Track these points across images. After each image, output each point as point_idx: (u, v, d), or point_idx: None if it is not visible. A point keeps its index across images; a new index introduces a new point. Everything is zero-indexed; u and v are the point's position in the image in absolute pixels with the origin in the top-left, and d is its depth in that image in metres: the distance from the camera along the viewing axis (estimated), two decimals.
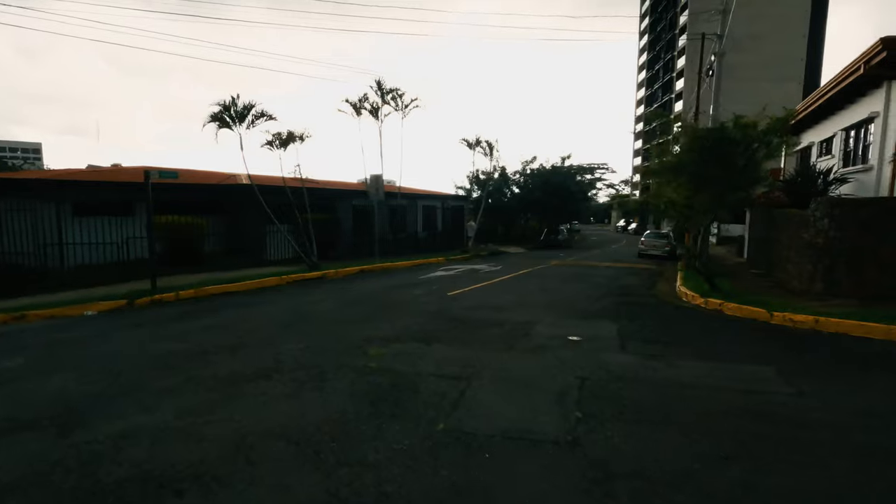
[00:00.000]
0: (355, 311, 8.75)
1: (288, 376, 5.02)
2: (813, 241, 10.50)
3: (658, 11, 69.79)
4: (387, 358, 5.69)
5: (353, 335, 6.82)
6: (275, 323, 7.72)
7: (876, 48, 10.75)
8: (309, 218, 14.41)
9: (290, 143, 12.79)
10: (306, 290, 11.23)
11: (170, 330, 7.26)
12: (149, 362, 5.55)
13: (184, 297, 10.12)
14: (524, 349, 6.10)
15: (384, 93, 20.77)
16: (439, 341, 6.48)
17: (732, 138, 9.56)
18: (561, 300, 10.19)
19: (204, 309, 8.96)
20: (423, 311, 8.72)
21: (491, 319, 7.96)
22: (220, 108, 11.44)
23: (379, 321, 7.80)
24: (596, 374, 5.10)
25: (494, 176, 33.63)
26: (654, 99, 70.66)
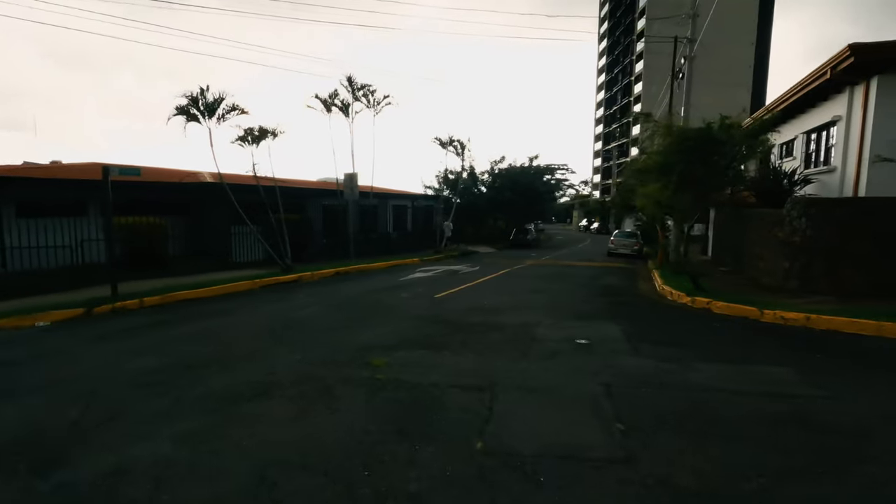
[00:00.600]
0: (343, 316, 8.27)
1: (291, 392, 4.56)
2: (788, 240, 10.82)
3: (616, 17, 71.79)
4: (394, 368, 5.31)
5: (348, 343, 6.38)
6: (259, 332, 7.15)
7: (844, 54, 11.20)
8: (282, 218, 13.71)
9: (262, 139, 12.08)
10: (284, 295, 10.61)
11: (142, 342, 6.57)
12: (127, 381, 4.93)
13: (150, 305, 9.33)
14: (537, 355, 5.84)
15: (355, 89, 20.18)
16: (445, 348, 6.14)
17: (717, 139, 9.70)
18: (552, 301, 10.05)
19: (175, 317, 8.24)
20: (416, 315, 8.35)
21: (490, 323, 7.68)
22: (188, 100, 10.62)
23: (372, 327, 7.37)
24: (618, 380, 4.91)
25: (463, 176, 33.52)
26: (613, 102, 72.64)
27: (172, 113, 10.71)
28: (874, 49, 10.96)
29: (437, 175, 35.45)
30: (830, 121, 13.56)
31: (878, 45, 11.00)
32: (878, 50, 10.96)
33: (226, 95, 10.85)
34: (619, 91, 70.16)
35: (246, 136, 11.74)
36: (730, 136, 9.63)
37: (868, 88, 11.87)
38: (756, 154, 10.06)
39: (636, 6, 63.97)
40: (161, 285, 10.89)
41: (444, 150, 23.28)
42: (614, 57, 72.75)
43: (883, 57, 11.06)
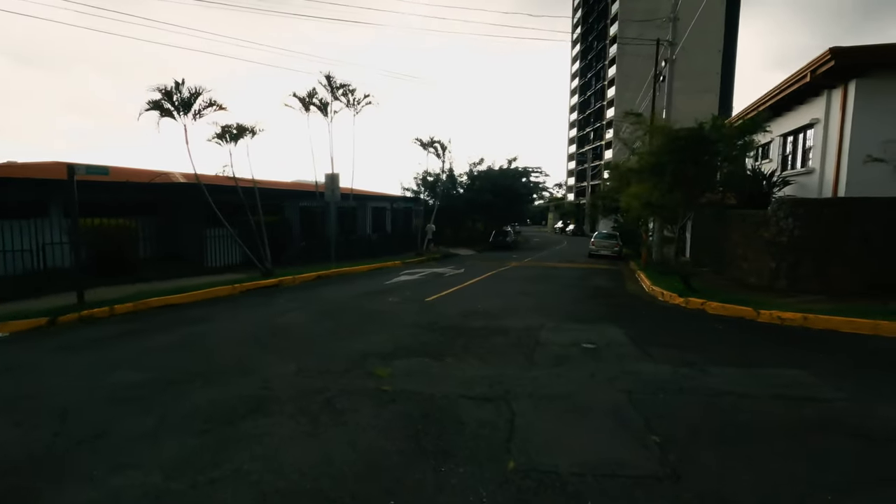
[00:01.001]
0: (333, 323, 7.85)
1: (291, 408, 4.16)
2: (775, 240, 10.93)
3: (589, 22, 72.97)
4: (398, 378, 4.96)
5: (343, 352, 5.99)
6: (245, 340, 6.67)
7: (825, 57, 11.42)
8: (262, 220, 13.13)
9: (241, 137, 11.50)
10: (266, 300, 10.08)
11: (116, 354, 6.02)
12: (103, 398, 4.43)
13: (120, 313, 8.69)
14: (546, 361, 5.59)
15: (334, 88, 19.69)
16: (448, 355, 5.82)
17: (709, 138, 9.70)
18: (547, 303, 9.85)
19: (150, 326, 7.66)
20: (412, 320, 8.00)
21: (490, 327, 7.40)
22: (162, 94, 9.98)
23: (365, 334, 6.99)
24: (637, 386, 4.70)
25: (442, 178, 33.27)
26: (587, 106, 73.74)
27: (144, 108, 10.05)
28: (854, 53, 11.20)
29: (416, 177, 35.16)
30: (808, 123, 13.85)
31: (857, 49, 11.25)
32: (858, 54, 11.21)
33: (203, 90, 10.26)
34: (592, 95, 71.28)
35: (224, 134, 11.14)
36: (721, 135, 9.66)
37: (846, 92, 12.14)
38: (745, 153, 10.10)
39: (608, 12, 65.14)
40: (132, 291, 10.22)
41: (426, 151, 22.94)
42: (587, 62, 73.91)
43: (861, 61, 11.32)
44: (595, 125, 69.14)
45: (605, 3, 66.13)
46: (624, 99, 58.60)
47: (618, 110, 60.90)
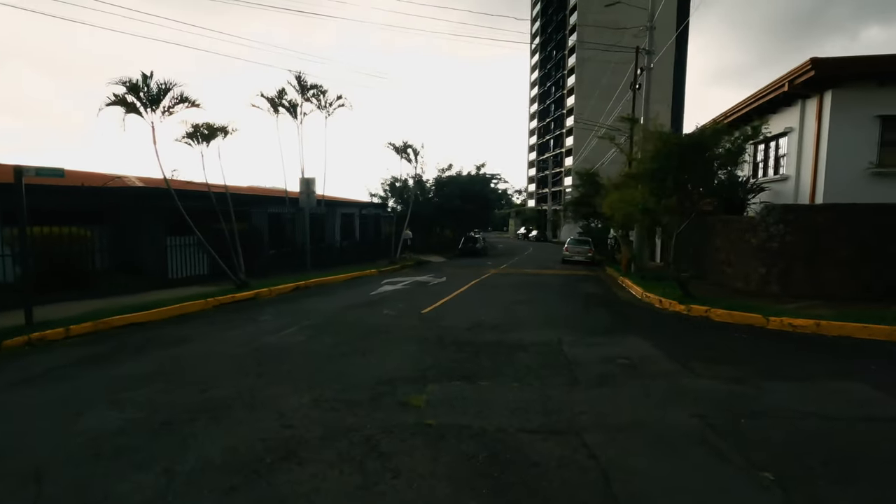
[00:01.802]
0: (333, 341, 7.10)
1: (328, 453, 3.48)
2: (764, 245, 11.05)
3: (548, 32, 74.51)
4: (437, 408, 4.35)
5: (359, 376, 5.32)
6: (239, 366, 5.84)
7: (805, 67, 11.74)
8: (235, 228, 12.10)
9: (214, 137, 10.51)
10: (247, 316, 9.16)
11: (84, 388, 5.07)
12: (85, 452, 3.58)
13: (78, 334, 7.60)
14: (590, 381, 5.12)
15: (304, 88, 18.77)
16: (479, 377, 5.25)
17: (706, 144, 9.66)
18: (550, 314, 9.47)
19: (117, 350, 6.66)
20: (417, 336, 7.37)
21: (505, 342, 6.89)
22: (126, 88, 8.88)
23: (375, 354, 6.31)
24: (705, 409, 4.31)
25: (409, 183, 32.65)
26: (546, 114, 75.08)
27: (106, 102, 8.90)
28: (833, 63, 11.56)
29: (383, 182, 34.41)
30: (782, 132, 14.25)
31: (836, 60, 11.61)
32: (836, 64, 11.57)
33: (173, 84, 9.22)
34: (552, 103, 72.62)
35: (195, 133, 10.11)
36: (720, 141, 9.64)
37: (822, 101, 12.52)
38: (739, 159, 10.15)
39: (566, 23, 66.70)
40: (88, 309, 9.04)
41: (399, 156, 22.27)
42: (546, 71, 75.35)
43: (838, 72, 11.70)
44: (555, 133, 70.45)
45: (563, 15, 67.70)
46: (584, 107, 60.03)
47: (577, 119, 62.32)
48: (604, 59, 55.64)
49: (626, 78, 24.96)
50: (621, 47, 29.84)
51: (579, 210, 26.26)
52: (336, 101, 19.40)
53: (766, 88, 13.87)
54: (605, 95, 51.88)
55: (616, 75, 49.74)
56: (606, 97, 52.81)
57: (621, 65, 51.58)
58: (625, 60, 50.78)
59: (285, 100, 17.91)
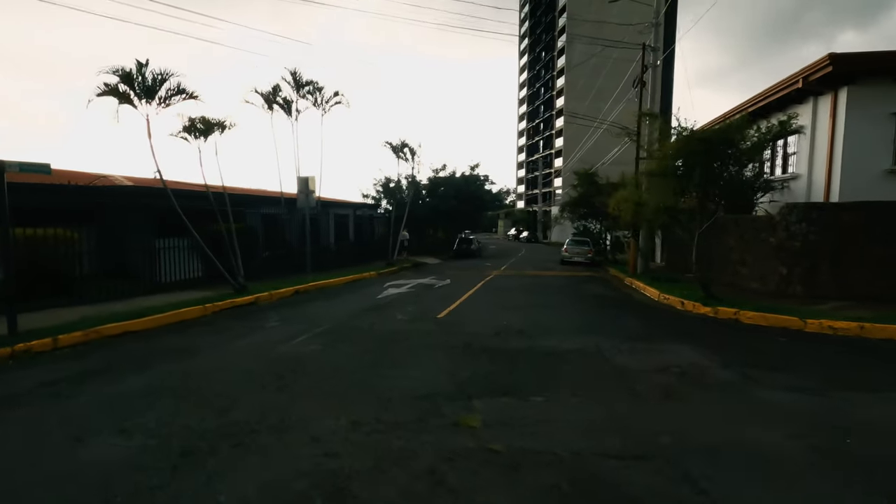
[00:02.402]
0: (352, 350, 6.54)
1: (388, 490, 2.94)
2: (785, 245, 10.76)
3: (536, 33, 74.57)
4: (496, 429, 3.84)
5: (394, 392, 4.78)
6: (254, 380, 5.25)
7: (823, 62, 11.50)
8: (233, 229, 11.43)
9: (211, 132, 9.85)
10: (251, 323, 8.53)
11: (81, 408, 4.45)
12: (88, 492, 2.99)
13: (67, 345, 6.92)
14: (653, 394, 4.66)
15: (300, 85, 18.12)
16: (528, 391, 4.75)
17: (733, 140, 9.33)
18: (573, 318, 9.04)
19: (114, 363, 6.02)
20: (442, 343, 6.85)
21: (538, 349, 6.40)
22: (119, 77, 8.18)
23: (402, 366, 5.78)
24: (798, 427, 3.87)
25: (404, 184, 32.05)
26: (535, 115, 75.09)
27: (96, 92, 8.19)
28: (850, 59, 11.34)
29: (375, 183, 33.78)
30: (793, 130, 14.05)
31: (854, 56, 11.41)
32: (854, 60, 11.37)
33: (170, 74, 8.54)
34: (541, 104, 72.64)
35: (192, 128, 9.44)
36: (744, 136, 9.30)
37: (836, 99, 12.31)
38: (759, 156, 9.81)
39: (555, 24, 66.78)
40: (75, 316, 8.34)
41: (396, 155, 21.70)
42: (535, 72, 75.38)
43: (856, 68, 11.49)
44: (545, 134, 70.44)
45: (552, 16, 67.78)
46: (572, 109, 60.07)
47: (568, 114, 62.33)
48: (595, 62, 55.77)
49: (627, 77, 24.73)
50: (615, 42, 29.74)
51: (577, 210, 25.94)
52: (333, 97, 18.80)
53: (777, 85, 13.65)
54: (598, 96, 51.95)
55: (608, 78, 49.83)
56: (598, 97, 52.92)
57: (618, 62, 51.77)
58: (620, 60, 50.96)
59: (280, 97, 17.28)
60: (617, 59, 51.70)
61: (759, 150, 9.42)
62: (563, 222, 51.87)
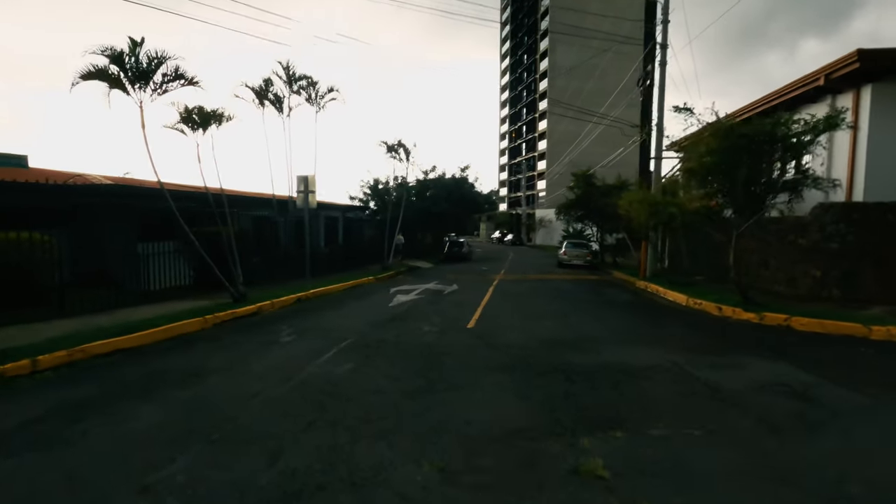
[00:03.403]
0: (392, 371, 5.67)
1: None
2: (820, 247, 10.34)
3: (518, 37, 74.62)
4: (634, 481, 3.07)
5: (471, 425, 3.97)
6: (294, 411, 4.34)
7: (849, 59, 11.16)
8: (231, 232, 10.40)
9: (209, 124, 8.82)
10: (263, 337, 7.55)
11: (82, 458, 3.48)
12: None
13: (50, 367, 5.88)
14: (790, 426, 3.96)
15: (292, 80, 17.11)
16: (634, 422, 3.99)
17: (778, 135, 8.83)
18: (612, 326, 8.41)
19: (113, 390, 5.02)
20: (494, 360, 6.05)
21: (610, 366, 5.67)
22: (109, 58, 7.10)
23: (461, 388, 4.96)
24: None
25: (391, 185, 31.16)
26: (518, 118, 75.06)
27: (81, 74, 7.08)
28: (879, 55, 11.00)
29: (363, 184, 32.82)
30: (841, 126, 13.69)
31: (883, 52, 11.07)
32: (883, 57, 11.04)
33: (167, 56, 7.49)
34: (523, 107, 72.62)
35: (190, 118, 8.40)
36: (789, 131, 8.83)
37: (859, 96, 12.05)
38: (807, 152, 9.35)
39: (537, 28, 66.86)
40: (57, 332, 7.25)
41: (392, 155, 20.81)
42: (517, 75, 75.39)
43: (882, 65, 11.19)
44: (528, 137, 70.41)
45: (534, 20, 67.87)
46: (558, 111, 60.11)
47: (551, 122, 62.38)
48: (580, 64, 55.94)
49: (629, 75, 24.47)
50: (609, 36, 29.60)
51: (572, 212, 25.42)
52: (328, 93, 17.83)
53: (795, 83, 13.33)
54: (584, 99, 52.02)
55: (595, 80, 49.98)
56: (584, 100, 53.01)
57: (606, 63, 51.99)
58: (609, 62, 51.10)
59: (271, 92, 16.25)
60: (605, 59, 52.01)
61: (806, 146, 8.93)
62: (550, 225, 51.96)
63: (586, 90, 50.90)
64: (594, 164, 26.77)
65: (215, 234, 10.77)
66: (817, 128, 8.80)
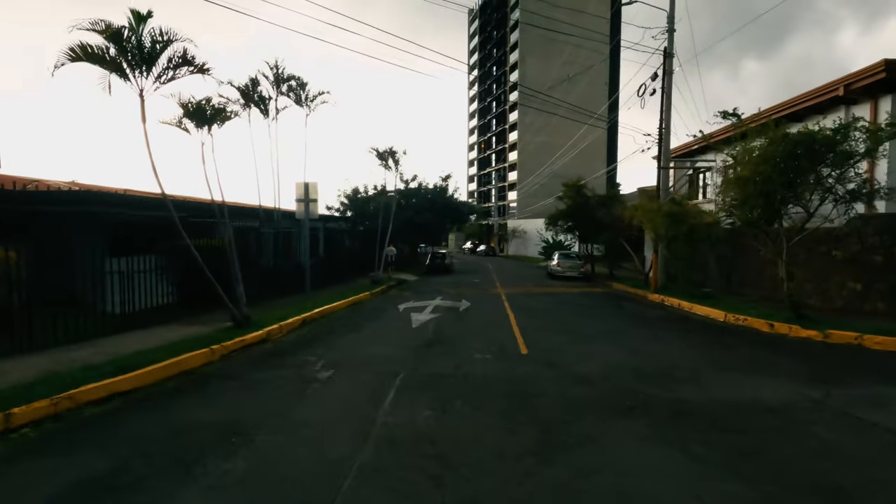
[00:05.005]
0: (485, 418, 4.61)
1: None
2: (860, 258, 10.04)
3: (487, 49, 74.99)
4: None
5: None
6: (397, 487, 3.23)
7: (876, 69, 11.07)
8: (234, 246, 9.03)
9: (215, 121, 7.51)
10: (287, 371, 6.28)
11: None
12: None
13: (30, 422, 4.54)
14: None
15: (280, 80, 15.80)
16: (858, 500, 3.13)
17: (831, 141, 8.41)
18: (671, 347, 7.71)
19: (124, 457, 3.74)
20: (590, 397, 5.12)
21: (729, 403, 4.86)
22: (105, 36, 5.70)
23: (589, 447, 3.97)
24: None
25: (370, 195, 29.93)
26: (487, 129, 75.14)
27: (68, 56, 5.64)
28: None
29: (339, 194, 31.47)
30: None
31: None
32: None
33: (174, 37, 6.13)
34: (492, 118, 72.77)
35: (199, 112, 7.06)
36: (844, 138, 8.42)
37: (877, 107, 12.02)
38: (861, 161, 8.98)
39: (507, 41, 67.37)
40: (29, 372, 5.82)
41: (382, 163, 19.69)
42: (486, 87, 75.59)
43: None
44: (498, 148, 70.50)
45: (503, 32, 68.39)
46: (526, 123, 60.48)
47: (521, 132, 62.69)
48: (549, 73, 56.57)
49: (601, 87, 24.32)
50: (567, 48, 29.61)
51: (560, 223, 24.88)
52: (318, 96, 16.59)
53: (811, 93, 13.26)
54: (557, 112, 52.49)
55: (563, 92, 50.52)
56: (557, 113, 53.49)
57: (557, 87, 52.72)
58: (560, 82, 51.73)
59: (257, 94, 14.91)
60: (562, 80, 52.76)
61: (871, 153, 8.56)
62: (524, 235, 51.79)
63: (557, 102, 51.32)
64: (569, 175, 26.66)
65: (210, 248, 9.37)
66: (880, 135, 8.43)
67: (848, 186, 8.75)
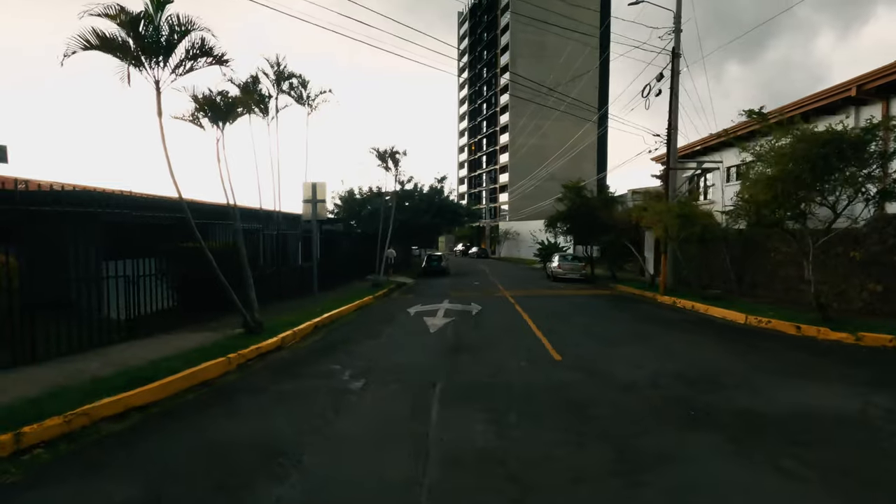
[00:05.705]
0: (546, 436, 4.30)
1: None
2: (881, 259, 9.97)
3: (477, 51, 74.96)
4: None
5: None
6: None
7: (891, 69, 11.07)
8: (243, 249, 8.60)
9: (231, 115, 7.10)
10: (313, 382, 5.90)
11: None
12: None
13: (41, 443, 4.14)
14: None
15: (280, 79, 15.40)
16: None
17: (861, 141, 8.29)
18: (708, 353, 7.42)
19: (155, 485, 3.36)
20: (642, 408, 4.85)
21: (795, 413, 4.60)
22: (119, 22, 5.25)
23: (667, 462, 3.69)
24: None
25: (366, 197, 29.52)
26: (477, 131, 75.04)
27: (80, 45, 5.19)
28: None
29: (333, 195, 30.96)
30: None
31: None
32: None
33: (193, 25, 5.71)
34: (483, 120, 72.67)
35: (215, 106, 6.63)
36: (873, 137, 8.30)
37: (888, 107, 12.03)
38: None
39: (497, 42, 67.41)
40: (34, 386, 5.37)
41: (384, 164, 19.31)
42: (476, 88, 75.51)
43: None
44: (489, 150, 70.41)
45: (494, 35, 68.41)
46: (517, 126, 60.48)
47: (512, 134, 62.63)
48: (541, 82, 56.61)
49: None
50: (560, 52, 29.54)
51: (560, 225, 24.72)
52: (320, 95, 16.23)
53: (823, 93, 13.28)
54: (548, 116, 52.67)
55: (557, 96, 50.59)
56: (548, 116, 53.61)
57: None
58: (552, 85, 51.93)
59: (257, 92, 14.48)
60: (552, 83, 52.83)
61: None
62: (517, 237, 51.66)
63: (549, 104, 51.38)
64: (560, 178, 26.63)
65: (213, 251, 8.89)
66: None
67: (878, 186, 8.64)
